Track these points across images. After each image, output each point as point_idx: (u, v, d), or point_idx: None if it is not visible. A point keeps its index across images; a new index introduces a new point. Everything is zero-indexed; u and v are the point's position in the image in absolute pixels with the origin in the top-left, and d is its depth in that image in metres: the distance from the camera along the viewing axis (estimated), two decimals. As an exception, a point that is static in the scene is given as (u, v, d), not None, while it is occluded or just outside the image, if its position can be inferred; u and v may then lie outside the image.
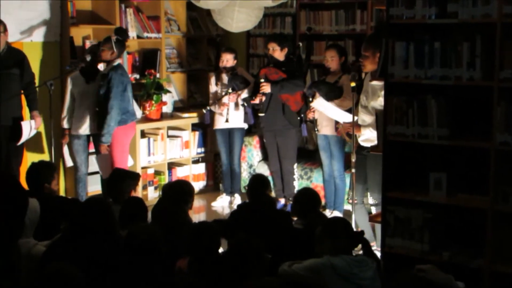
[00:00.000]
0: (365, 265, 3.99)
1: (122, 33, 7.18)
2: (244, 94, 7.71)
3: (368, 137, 5.86)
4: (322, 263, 3.99)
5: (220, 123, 7.89)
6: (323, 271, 3.95)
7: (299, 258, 4.16)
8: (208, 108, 7.89)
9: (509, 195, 4.14)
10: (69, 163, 7.31)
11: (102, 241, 4.06)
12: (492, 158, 4.12)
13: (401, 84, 4.44)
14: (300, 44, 8.03)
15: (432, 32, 4.32)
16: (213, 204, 8.01)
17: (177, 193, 5.25)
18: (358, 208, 6.02)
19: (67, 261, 3.57)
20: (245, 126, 7.96)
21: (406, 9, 4.36)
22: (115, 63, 6.99)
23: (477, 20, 4.12)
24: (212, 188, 8.69)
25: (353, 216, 5.94)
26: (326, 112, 6.69)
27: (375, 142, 5.68)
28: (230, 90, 7.68)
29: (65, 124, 7.19)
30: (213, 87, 8.01)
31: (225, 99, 7.72)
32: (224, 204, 8.06)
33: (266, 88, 7.37)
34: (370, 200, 5.87)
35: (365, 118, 5.82)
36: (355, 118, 5.91)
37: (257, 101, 7.48)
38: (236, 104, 7.80)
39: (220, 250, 4.84)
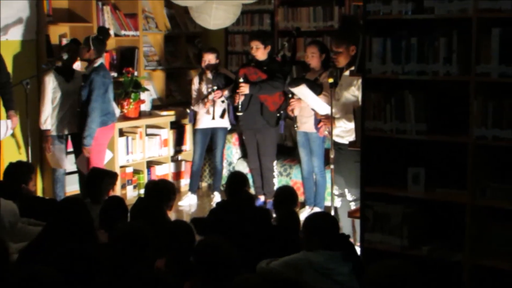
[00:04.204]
0: (342, 260, 3.99)
1: (103, 32, 7.14)
2: (228, 92, 7.68)
3: (338, 132, 5.87)
4: (299, 258, 3.99)
5: (203, 123, 7.85)
6: (301, 267, 3.94)
7: (278, 255, 4.15)
8: (192, 107, 7.86)
9: (487, 189, 4.15)
10: (63, 165, 7.22)
11: (78, 242, 4.02)
12: (470, 152, 4.12)
13: (378, 79, 4.44)
14: (286, 43, 8.00)
15: (409, 27, 4.32)
16: (179, 203, 7.93)
17: (160, 192, 5.22)
18: (343, 201, 6.02)
19: (43, 262, 3.53)
20: (228, 126, 7.93)
21: (383, 5, 4.36)
22: (97, 63, 6.92)
23: (454, 15, 4.13)
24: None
25: (332, 212, 5.93)
26: (307, 100, 6.60)
27: (346, 138, 5.70)
28: (214, 88, 7.64)
29: (48, 125, 7.07)
30: (196, 87, 7.97)
31: (210, 97, 7.67)
32: (191, 202, 8.02)
33: (244, 89, 7.33)
34: (349, 196, 5.87)
35: (336, 111, 5.83)
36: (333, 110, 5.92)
37: (236, 101, 7.44)
38: (223, 102, 7.77)
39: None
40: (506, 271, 4.13)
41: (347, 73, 5.76)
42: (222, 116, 7.72)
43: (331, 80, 5.77)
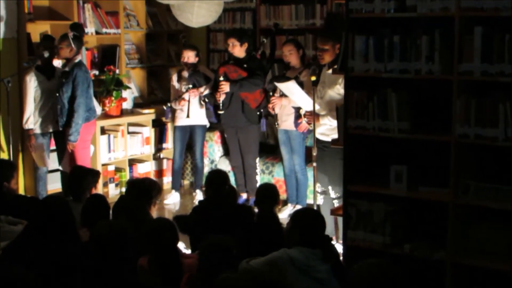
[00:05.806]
0: (321, 259, 3.99)
1: (78, 28, 7.11)
2: (206, 91, 7.67)
3: (323, 131, 5.87)
4: (279, 257, 3.97)
5: (181, 120, 7.85)
6: (282, 265, 3.93)
7: (260, 253, 4.14)
8: (169, 104, 7.85)
9: (470, 187, 4.17)
10: (49, 165, 7.17)
11: (61, 240, 4.00)
12: (453, 151, 4.13)
13: (361, 78, 4.44)
14: (265, 40, 8.01)
15: (391, 26, 4.33)
16: (165, 202, 7.92)
17: (140, 190, 5.20)
18: (326, 199, 6.02)
19: (25, 262, 3.51)
20: (207, 123, 7.92)
21: (365, 3, 4.35)
22: (77, 60, 6.92)
23: (436, 13, 4.13)
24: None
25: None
26: (292, 97, 6.60)
27: (331, 136, 5.71)
28: (190, 86, 7.65)
29: (30, 125, 7.02)
30: (174, 84, 7.96)
31: (185, 96, 7.67)
32: (175, 200, 8.01)
33: (225, 87, 7.34)
34: (332, 194, 5.88)
35: (320, 108, 5.83)
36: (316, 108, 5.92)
37: (218, 100, 7.43)
38: (201, 101, 7.75)
39: (182, 246, 4.82)
40: (488, 269, 4.15)
41: (330, 71, 5.77)
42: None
43: (313, 78, 5.77)
